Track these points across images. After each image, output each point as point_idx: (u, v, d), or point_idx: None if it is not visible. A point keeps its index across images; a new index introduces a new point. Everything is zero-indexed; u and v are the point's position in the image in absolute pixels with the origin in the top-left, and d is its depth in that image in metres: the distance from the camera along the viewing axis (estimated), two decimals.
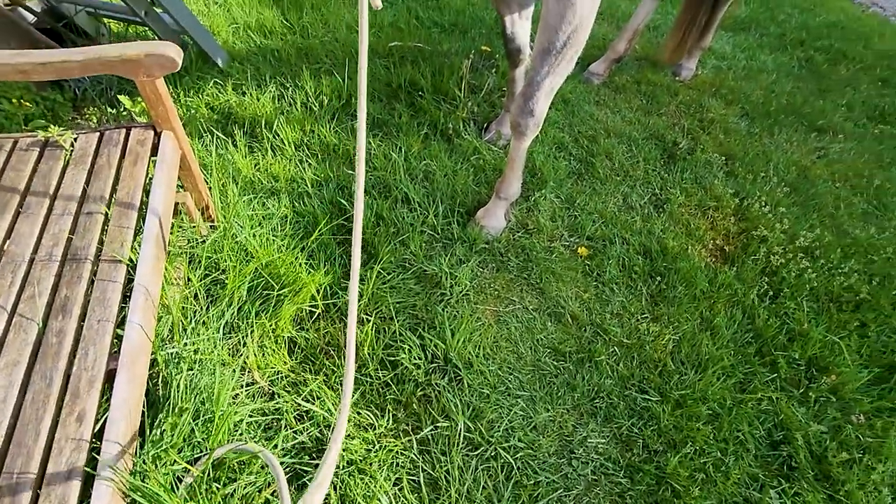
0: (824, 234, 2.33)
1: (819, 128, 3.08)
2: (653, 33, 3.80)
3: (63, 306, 1.17)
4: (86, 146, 1.49)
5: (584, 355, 1.85)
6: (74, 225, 1.31)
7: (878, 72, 3.75)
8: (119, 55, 1.29)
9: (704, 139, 2.84)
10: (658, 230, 2.30)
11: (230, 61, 2.88)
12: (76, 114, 2.61)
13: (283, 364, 1.65)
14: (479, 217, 2.18)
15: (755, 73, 3.49)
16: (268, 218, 2.03)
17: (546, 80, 1.75)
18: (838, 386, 1.81)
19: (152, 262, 1.23)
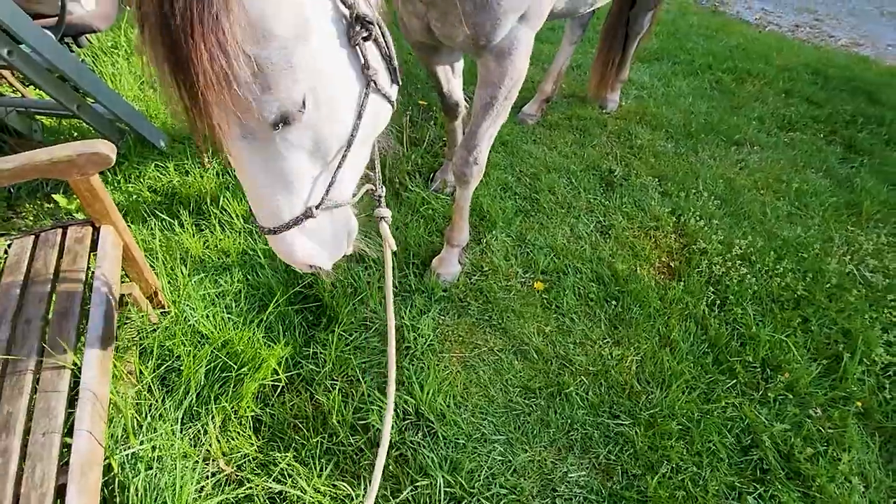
0: (756, 240, 2.49)
1: (737, 141, 3.34)
2: (576, 72, 4.08)
3: (6, 423, 1.11)
4: (20, 251, 1.46)
5: (553, 389, 1.88)
6: (13, 335, 1.26)
7: (781, 84, 4.14)
8: (50, 159, 1.29)
9: (637, 164, 3.03)
10: (607, 255, 2.40)
11: (171, 142, 2.89)
12: (11, 212, 2.54)
13: (251, 445, 1.59)
14: (435, 266, 2.22)
15: (673, 99, 3.78)
16: (221, 295, 2.00)
17: (488, 131, 1.85)
18: (792, 382, 1.90)
19: (98, 363, 1.19)
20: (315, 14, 0.79)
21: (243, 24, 0.68)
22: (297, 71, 0.77)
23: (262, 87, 0.74)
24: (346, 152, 0.93)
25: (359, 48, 0.87)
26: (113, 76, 3.33)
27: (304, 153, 0.88)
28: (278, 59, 0.74)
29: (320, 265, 1.05)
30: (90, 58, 3.51)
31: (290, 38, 0.75)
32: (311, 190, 0.92)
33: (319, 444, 1.62)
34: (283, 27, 0.74)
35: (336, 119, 0.89)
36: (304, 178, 0.90)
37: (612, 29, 3.24)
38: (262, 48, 0.72)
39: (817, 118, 3.71)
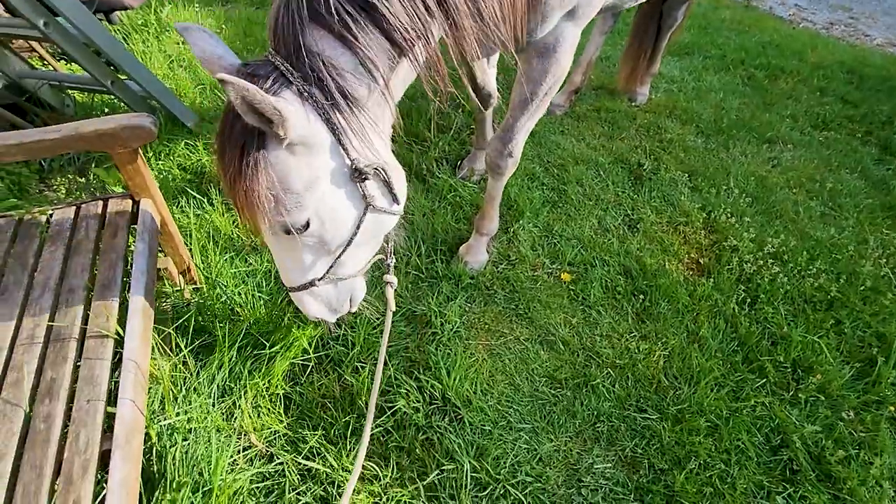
0: (789, 239, 2.44)
1: (769, 139, 3.27)
2: (605, 63, 4.02)
3: (49, 389, 1.13)
4: (62, 221, 1.47)
5: (579, 380, 1.87)
6: (56, 303, 1.28)
7: (815, 82, 4.04)
8: (95, 130, 1.30)
9: (666, 158, 2.98)
10: (635, 249, 2.37)
11: (199, 121, 2.90)
12: (43, 185, 2.57)
13: (280, 422, 1.61)
14: (462, 253, 2.21)
15: (704, 93, 3.71)
16: (251, 274, 2.01)
17: (525, 125, 1.83)
18: (825, 384, 1.87)
19: (140, 334, 1.21)
20: (324, 171, 1.08)
21: (268, 180, 1.00)
22: (304, 207, 1.08)
23: (277, 212, 1.05)
24: (347, 248, 1.23)
25: (358, 185, 1.14)
26: (143, 54, 3.35)
27: (310, 248, 1.21)
28: (292, 202, 1.06)
29: (324, 319, 1.39)
30: (121, 35, 3.53)
31: (300, 190, 1.06)
32: (314, 269, 1.25)
33: (347, 425, 1.63)
34: (296, 184, 1.05)
35: (336, 230, 1.18)
36: (308, 262, 1.23)
37: (643, 21, 3.17)
38: (280, 192, 1.03)
39: (852, 118, 3.61)
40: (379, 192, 1.20)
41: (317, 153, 1.05)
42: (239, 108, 0.89)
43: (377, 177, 1.16)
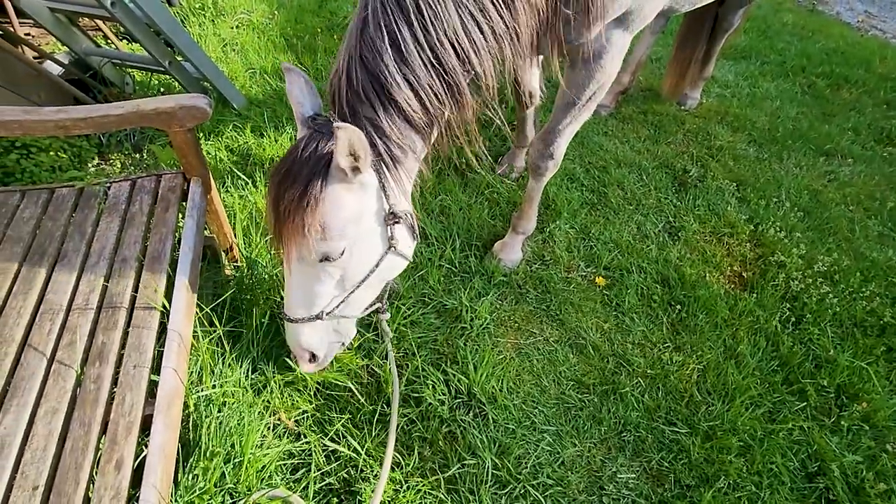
0: (842, 258, 2.32)
1: (827, 152, 3.11)
2: (655, 64, 3.90)
3: (100, 352, 1.19)
4: (119, 194, 1.55)
5: (608, 387, 1.84)
6: (110, 271, 1.35)
7: (882, 94, 3.80)
8: (155, 108, 1.35)
9: (714, 166, 2.87)
10: (674, 258, 2.31)
11: (248, 105, 2.98)
12: (101, 159, 2.70)
13: (309, 404, 1.65)
14: (497, 250, 2.20)
15: (759, 100, 3.55)
16: None
17: (568, 128, 1.80)
18: (870, 413, 1.77)
19: (185, 307, 1.26)
20: (368, 209, 1.26)
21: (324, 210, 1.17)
22: (346, 236, 1.24)
23: (322, 238, 1.20)
24: (360, 285, 1.37)
25: (389, 227, 1.32)
26: (199, 37, 3.46)
27: (332, 280, 1.34)
28: (337, 230, 1.21)
29: (314, 351, 1.48)
30: (179, 17, 3.66)
31: (347, 221, 1.22)
32: (325, 303, 1.37)
33: (374, 411, 1.65)
34: (345, 215, 1.21)
35: (360, 265, 1.33)
36: (325, 295, 1.36)
37: (695, 24, 3.03)
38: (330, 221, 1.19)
39: None
40: (401, 236, 1.36)
41: (367, 193, 1.24)
42: (342, 147, 1.09)
43: (405, 222, 1.34)
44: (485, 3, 1.13)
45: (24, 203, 1.51)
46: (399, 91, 1.14)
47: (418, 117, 1.20)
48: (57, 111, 1.35)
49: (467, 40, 1.14)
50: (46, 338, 1.21)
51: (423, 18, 1.10)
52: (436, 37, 1.12)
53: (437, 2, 1.09)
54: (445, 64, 1.15)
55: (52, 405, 1.10)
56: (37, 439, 1.05)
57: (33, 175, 2.27)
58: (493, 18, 1.16)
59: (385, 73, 1.13)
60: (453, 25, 1.11)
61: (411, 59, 1.13)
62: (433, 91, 1.17)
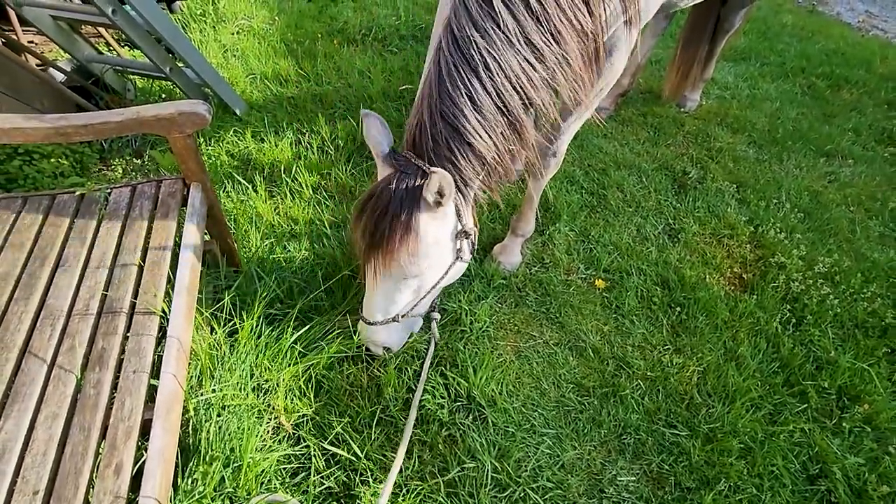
0: (843, 259, 2.32)
1: (827, 153, 3.11)
2: (655, 66, 3.90)
3: (100, 358, 1.20)
4: (119, 200, 1.56)
5: (608, 390, 1.84)
6: (110, 277, 1.36)
7: (883, 95, 3.80)
8: (155, 115, 1.36)
9: (714, 168, 2.88)
10: (674, 260, 2.30)
11: (248, 110, 3.00)
12: (103, 165, 2.72)
13: (309, 407, 1.65)
14: (496, 253, 2.21)
15: (759, 102, 3.55)
16: (289, 261, 2.07)
17: (572, 126, 1.82)
18: (872, 415, 1.77)
19: (184, 312, 1.26)
20: (446, 232, 1.47)
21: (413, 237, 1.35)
22: (429, 257, 1.45)
23: (410, 262, 1.39)
24: (432, 290, 1.57)
25: (458, 241, 1.52)
26: (200, 43, 3.48)
27: (410, 290, 1.55)
28: (422, 253, 1.41)
29: (389, 347, 1.70)
30: (180, 24, 3.69)
31: (431, 244, 1.43)
32: (401, 307, 1.57)
33: (373, 415, 1.66)
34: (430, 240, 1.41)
35: (434, 276, 1.53)
36: (402, 302, 1.57)
37: (697, 25, 3.05)
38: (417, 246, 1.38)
39: None
40: (466, 248, 1.57)
41: (447, 219, 1.45)
42: (433, 187, 1.28)
43: (469, 236, 1.54)
44: (537, 44, 1.23)
45: (25, 209, 1.52)
46: (476, 139, 1.31)
47: (491, 156, 1.36)
48: (58, 118, 1.36)
49: (525, 79, 1.26)
50: (47, 343, 1.22)
51: (489, 71, 1.23)
52: (500, 83, 1.25)
53: (499, 53, 1.22)
54: (509, 104, 1.29)
55: (53, 410, 1.11)
56: (37, 444, 1.06)
57: (35, 181, 2.28)
58: (546, 55, 1.25)
59: (464, 126, 1.29)
60: (515, 71, 1.24)
61: (484, 109, 1.28)
62: (500, 132, 1.33)
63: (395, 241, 1.33)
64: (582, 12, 1.26)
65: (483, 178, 1.43)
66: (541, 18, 1.21)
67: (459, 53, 1.24)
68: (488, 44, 1.21)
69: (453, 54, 1.25)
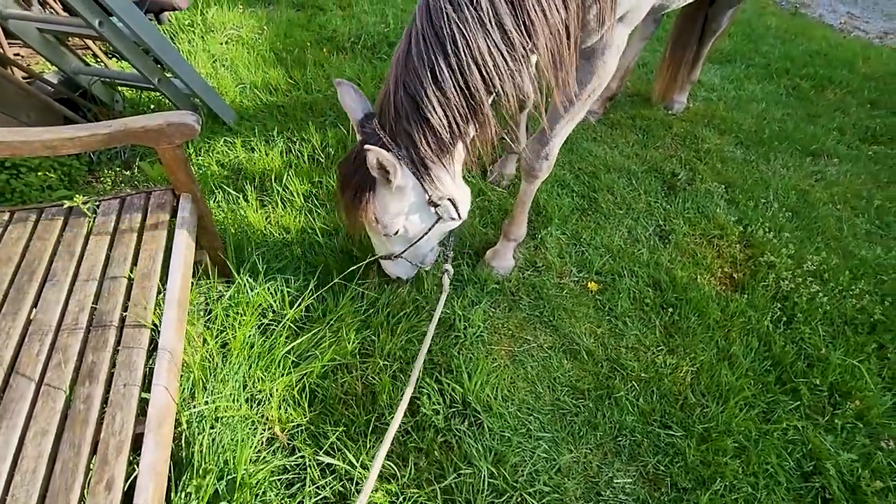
0: (831, 257, 2.35)
1: (813, 152, 3.15)
2: (642, 70, 3.95)
3: (90, 372, 1.18)
4: (108, 212, 1.55)
5: (602, 392, 1.84)
6: (99, 290, 1.35)
7: (865, 94, 3.86)
8: (143, 126, 1.36)
9: (702, 169, 2.90)
10: (665, 261, 2.32)
11: (238, 119, 2.99)
12: (91, 177, 2.70)
13: (303, 417, 1.64)
14: (489, 258, 2.21)
15: (745, 103, 3.60)
16: (281, 270, 2.06)
17: (564, 128, 1.83)
18: (864, 411, 1.78)
19: (175, 324, 1.26)
20: (410, 204, 1.58)
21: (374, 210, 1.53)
22: (397, 224, 1.61)
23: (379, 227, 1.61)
24: (419, 240, 1.76)
25: (433, 207, 1.61)
26: (189, 53, 3.48)
27: (398, 241, 1.76)
28: (388, 222, 1.59)
29: (398, 275, 1.97)
30: (168, 34, 3.68)
31: (395, 215, 1.59)
32: (395, 248, 1.80)
33: (368, 423, 1.65)
34: (393, 211, 1.57)
35: (416, 232, 1.71)
36: (393, 245, 1.78)
37: (686, 26, 3.09)
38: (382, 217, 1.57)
39: None
40: (446, 211, 1.66)
41: (407, 194, 1.55)
42: (371, 164, 1.37)
43: (446, 202, 1.63)
44: (508, 30, 1.23)
45: (12, 223, 1.51)
46: (431, 113, 1.32)
47: (445, 133, 1.37)
48: (44, 131, 1.35)
49: (491, 63, 1.26)
50: (35, 358, 1.20)
51: (456, 47, 1.23)
52: (465, 62, 1.25)
53: (468, 31, 1.22)
54: (471, 85, 1.29)
55: (42, 426, 1.10)
56: (26, 461, 1.04)
57: (23, 195, 2.26)
58: (516, 43, 1.26)
59: (422, 99, 1.31)
60: (482, 52, 1.24)
61: (445, 85, 1.28)
62: (458, 111, 1.33)
63: (361, 209, 1.50)
64: (557, 6, 1.26)
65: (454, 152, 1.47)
66: (515, 4, 1.21)
67: (430, 25, 1.25)
68: (459, 19, 1.21)
69: (424, 26, 1.26)
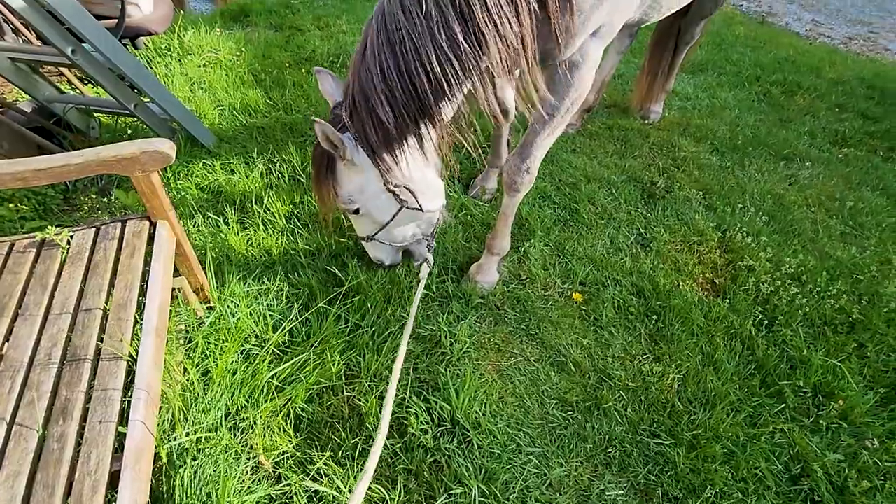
0: (808, 259, 2.39)
1: (786, 156, 3.23)
2: (618, 81, 4.02)
3: (64, 409, 1.15)
4: (82, 242, 1.52)
5: (591, 403, 1.84)
6: (73, 324, 1.31)
7: (833, 98, 3.98)
8: (116, 155, 1.34)
9: (680, 176, 2.95)
10: (648, 269, 2.34)
11: (217, 142, 2.98)
12: (67, 205, 2.66)
13: (289, 443, 1.61)
14: (473, 273, 2.21)
15: (718, 110, 3.69)
16: (263, 293, 2.04)
17: (545, 140, 1.85)
18: (847, 411, 1.80)
19: (153, 355, 1.23)
20: (366, 183, 1.69)
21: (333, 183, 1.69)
22: (355, 202, 1.74)
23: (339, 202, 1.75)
24: (387, 225, 1.86)
25: (392, 193, 1.73)
26: (166, 77, 3.46)
27: (367, 221, 1.87)
28: (347, 197, 1.72)
29: (381, 260, 2.08)
30: (145, 59, 3.67)
31: (352, 191, 1.71)
32: (368, 231, 1.92)
33: (355, 446, 1.62)
34: (349, 187, 1.70)
35: (380, 215, 1.83)
36: (365, 226, 1.91)
37: (661, 38, 3.18)
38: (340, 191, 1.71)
39: (873, 134, 3.55)
40: (409, 199, 1.76)
41: (361, 172, 1.65)
42: (320, 136, 1.50)
43: (404, 191, 1.72)
44: (458, 40, 1.27)
45: None
46: (378, 106, 1.41)
47: (392, 127, 1.45)
48: (14, 163, 1.33)
49: (439, 70, 1.31)
50: (7, 397, 1.16)
51: (405, 50, 1.30)
52: (413, 66, 1.32)
53: (419, 40, 1.28)
54: (419, 88, 1.36)
55: (14, 469, 1.06)
56: None
57: None
58: (465, 53, 1.29)
59: (371, 95, 1.40)
60: (429, 58, 1.30)
61: (392, 85, 1.36)
62: (405, 110, 1.40)
63: (322, 182, 1.66)
64: (510, 20, 1.28)
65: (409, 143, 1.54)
66: (465, 15, 1.25)
67: (384, 28, 1.33)
68: (409, 26, 1.28)
69: (379, 28, 1.35)
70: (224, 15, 4.72)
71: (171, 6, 3.26)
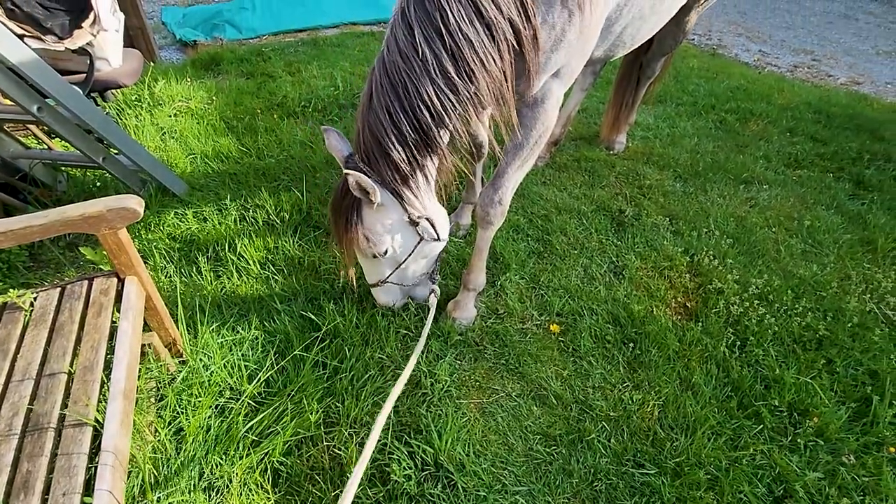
0: (773, 278, 2.47)
1: (745, 180, 3.37)
2: (583, 115, 4.19)
3: (24, 483, 1.10)
4: (46, 304, 1.48)
5: (574, 436, 1.83)
6: (35, 390, 1.27)
7: (784, 123, 4.21)
8: (81, 214, 1.33)
9: (647, 204, 3.05)
10: (622, 296, 2.39)
11: (189, 190, 2.96)
12: (33, 262, 2.59)
13: (267, 500, 1.56)
14: (451, 310, 2.22)
15: (679, 139, 3.85)
16: (238, 343, 2.00)
17: (516, 173, 1.93)
18: (822, 427, 1.84)
19: (120, 418, 1.19)
20: (394, 221, 1.75)
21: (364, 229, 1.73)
22: (385, 242, 1.78)
23: (369, 247, 1.78)
24: (406, 260, 1.90)
25: (414, 227, 1.79)
26: (136, 128, 3.46)
27: (385, 264, 1.92)
28: (377, 240, 1.76)
29: (388, 305, 2.12)
30: (115, 110, 3.67)
31: (382, 233, 1.76)
32: (384, 274, 1.95)
33: (336, 498, 1.58)
34: (380, 230, 1.75)
35: (402, 252, 1.86)
36: (382, 270, 1.94)
37: (626, 73, 3.35)
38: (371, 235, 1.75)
39: (823, 155, 3.75)
40: (426, 231, 1.83)
41: (389, 212, 1.72)
42: (353, 186, 1.57)
43: (424, 222, 1.79)
44: (451, 76, 1.43)
45: None
46: (391, 149, 1.54)
47: (405, 165, 1.59)
48: None
49: (439, 104, 1.47)
50: None
51: (407, 93, 1.46)
52: (416, 104, 1.47)
53: (418, 81, 1.43)
54: (423, 123, 1.50)
55: None
56: None
57: None
58: (459, 86, 1.46)
59: (383, 137, 1.53)
60: (430, 94, 1.45)
61: (401, 124, 1.50)
62: (415, 146, 1.55)
63: (352, 231, 1.71)
64: (493, 57, 1.45)
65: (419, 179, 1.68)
66: (456, 56, 1.42)
67: (385, 75, 1.49)
68: (408, 69, 1.43)
69: (381, 75, 1.50)
70: (195, 64, 4.78)
71: (140, 59, 3.28)
